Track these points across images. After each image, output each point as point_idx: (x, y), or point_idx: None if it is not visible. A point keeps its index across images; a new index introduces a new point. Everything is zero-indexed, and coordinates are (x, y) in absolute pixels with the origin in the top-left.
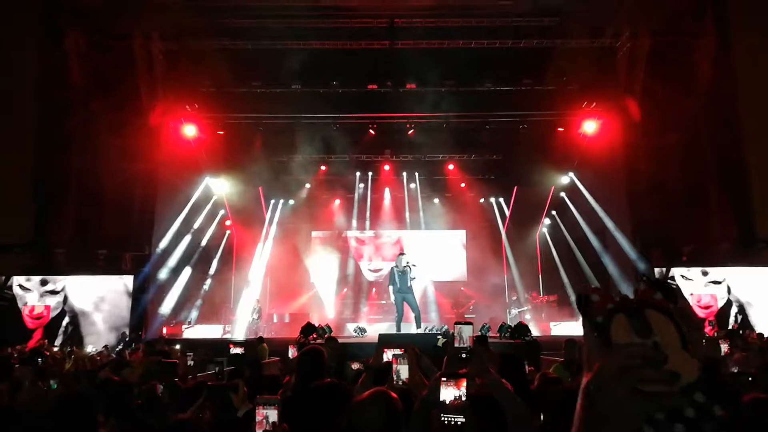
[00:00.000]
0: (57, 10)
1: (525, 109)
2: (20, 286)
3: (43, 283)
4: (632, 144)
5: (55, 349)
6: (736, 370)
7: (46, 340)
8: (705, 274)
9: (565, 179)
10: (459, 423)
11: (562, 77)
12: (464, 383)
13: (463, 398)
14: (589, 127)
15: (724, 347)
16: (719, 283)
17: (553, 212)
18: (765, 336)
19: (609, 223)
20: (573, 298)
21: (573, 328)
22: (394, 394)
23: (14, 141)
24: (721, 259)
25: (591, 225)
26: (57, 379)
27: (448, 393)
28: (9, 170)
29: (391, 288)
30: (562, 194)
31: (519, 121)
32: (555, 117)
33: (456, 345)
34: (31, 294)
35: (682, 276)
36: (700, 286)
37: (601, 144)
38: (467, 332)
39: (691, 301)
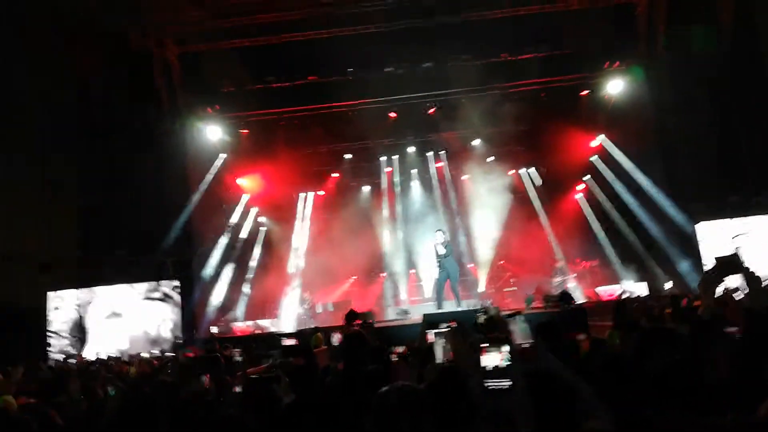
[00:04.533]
0: (78, 31)
1: (546, 77)
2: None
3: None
4: (660, 98)
5: (114, 356)
6: None
7: (102, 350)
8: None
9: (595, 142)
10: (505, 387)
11: (582, 40)
12: (505, 348)
13: (506, 363)
14: (614, 87)
15: None
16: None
17: (586, 177)
18: None
19: (645, 182)
20: (616, 260)
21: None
22: (415, 386)
23: (52, 160)
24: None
25: (626, 185)
26: (116, 385)
27: (490, 359)
28: (50, 189)
29: (435, 263)
30: (594, 157)
31: (541, 88)
32: (577, 81)
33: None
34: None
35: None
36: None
37: (628, 102)
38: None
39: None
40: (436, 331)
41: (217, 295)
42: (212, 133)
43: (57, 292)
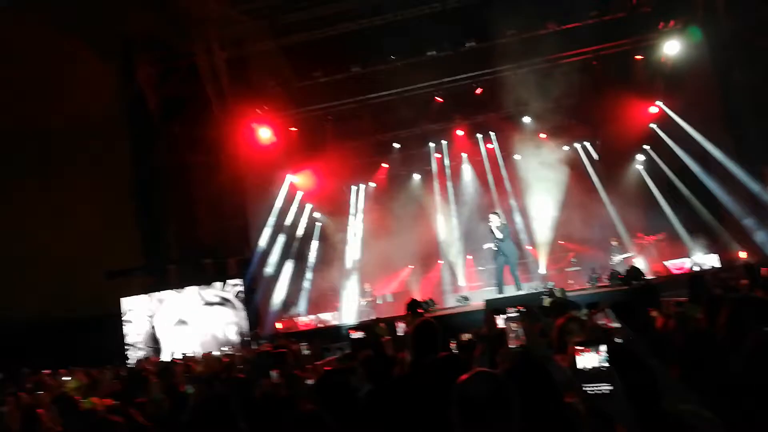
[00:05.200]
0: (129, 47)
1: (597, 44)
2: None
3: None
4: (722, 56)
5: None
6: None
7: (174, 351)
8: None
9: (653, 109)
10: (605, 391)
11: (632, 1)
12: (603, 349)
13: (605, 365)
14: (671, 48)
15: None
16: None
17: (646, 146)
18: None
19: (709, 147)
20: (683, 232)
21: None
22: (496, 372)
23: (112, 176)
24: None
25: (690, 152)
26: (192, 384)
27: (586, 360)
28: (113, 202)
29: (490, 248)
30: (653, 125)
31: (591, 57)
32: (630, 45)
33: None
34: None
35: None
36: None
37: (688, 63)
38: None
39: None
40: (506, 316)
41: (279, 292)
42: (262, 133)
43: (129, 299)
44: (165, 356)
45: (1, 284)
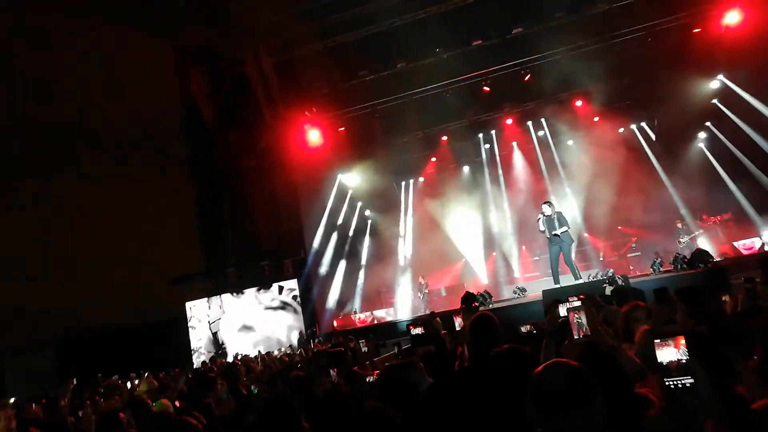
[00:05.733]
0: (182, 57)
1: (651, 19)
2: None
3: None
4: None
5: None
6: None
7: (239, 352)
8: None
9: (714, 84)
10: (688, 385)
11: None
12: (683, 341)
13: (685, 358)
14: (732, 18)
15: None
16: None
17: (708, 123)
18: None
19: None
20: (752, 211)
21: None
22: (575, 363)
23: (173, 187)
24: None
25: (757, 127)
26: (255, 384)
27: (666, 353)
28: (175, 211)
29: (547, 236)
30: (715, 101)
31: (645, 34)
32: (687, 18)
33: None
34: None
35: None
36: None
37: (751, 33)
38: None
39: None
40: (569, 306)
41: (334, 290)
42: (312, 135)
43: (193, 302)
44: (229, 359)
45: (71, 290)
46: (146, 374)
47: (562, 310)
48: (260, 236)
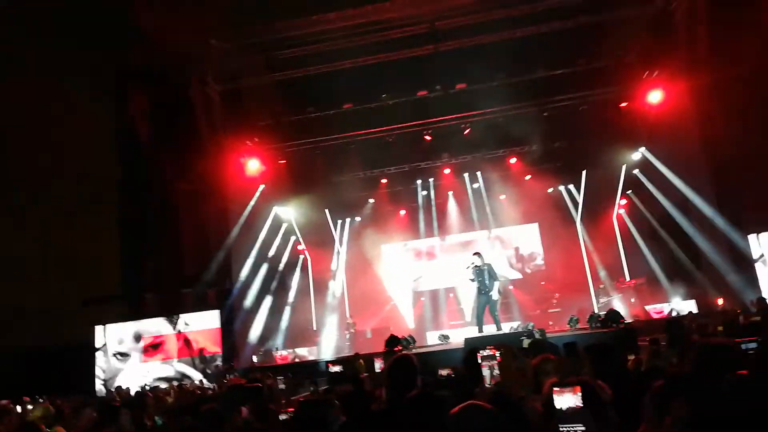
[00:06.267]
0: (123, 78)
1: (582, 90)
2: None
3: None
4: (704, 107)
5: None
6: None
7: (147, 383)
8: None
9: (636, 155)
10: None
11: (618, 51)
12: (579, 390)
13: (580, 405)
14: (655, 97)
15: None
16: None
17: (628, 192)
18: None
19: (690, 194)
20: (663, 277)
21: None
22: (488, 405)
23: (97, 200)
24: None
25: (671, 199)
26: (162, 416)
27: (564, 400)
28: (94, 227)
29: (473, 286)
30: (636, 171)
31: (578, 103)
32: (615, 93)
33: None
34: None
35: None
36: None
37: (671, 112)
38: None
39: None
40: (484, 354)
41: (257, 324)
42: (251, 165)
43: (104, 326)
44: (136, 387)
45: None
46: (43, 399)
47: (479, 359)
48: (186, 263)
